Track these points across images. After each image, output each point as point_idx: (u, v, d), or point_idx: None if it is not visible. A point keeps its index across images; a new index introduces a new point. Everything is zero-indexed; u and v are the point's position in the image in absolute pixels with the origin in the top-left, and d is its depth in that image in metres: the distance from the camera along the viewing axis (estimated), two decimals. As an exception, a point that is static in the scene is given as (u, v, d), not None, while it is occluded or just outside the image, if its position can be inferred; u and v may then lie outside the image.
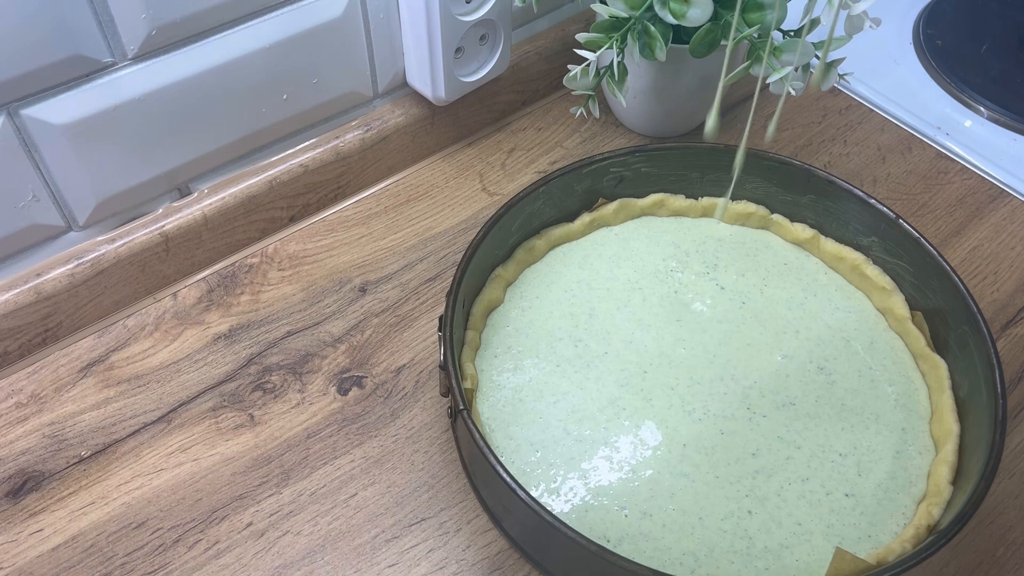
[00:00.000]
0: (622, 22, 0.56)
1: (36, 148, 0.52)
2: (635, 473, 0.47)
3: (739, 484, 0.47)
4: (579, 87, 0.59)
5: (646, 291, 0.55)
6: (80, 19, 0.49)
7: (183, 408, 0.55)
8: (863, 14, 0.53)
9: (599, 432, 0.49)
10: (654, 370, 0.51)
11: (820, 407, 0.50)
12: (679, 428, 0.49)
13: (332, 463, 0.52)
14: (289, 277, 0.62)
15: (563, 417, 0.49)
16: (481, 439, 0.43)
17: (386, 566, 0.48)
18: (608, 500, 0.46)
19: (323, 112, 0.64)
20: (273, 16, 0.56)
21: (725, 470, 0.47)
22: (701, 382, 0.51)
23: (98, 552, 0.49)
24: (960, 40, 0.79)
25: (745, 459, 0.48)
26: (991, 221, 0.65)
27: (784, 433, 0.49)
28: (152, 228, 0.59)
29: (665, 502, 0.46)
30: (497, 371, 0.52)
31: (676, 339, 0.53)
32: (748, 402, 0.50)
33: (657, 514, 0.46)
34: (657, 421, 0.49)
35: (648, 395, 0.50)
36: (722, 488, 0.47)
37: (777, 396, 0.50)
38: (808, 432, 0.49)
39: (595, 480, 0.47)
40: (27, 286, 0.55)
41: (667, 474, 0.47)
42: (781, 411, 0.50)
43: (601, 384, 0.51)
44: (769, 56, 0.54)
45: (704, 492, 0.46)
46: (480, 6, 0.61)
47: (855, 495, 0.46)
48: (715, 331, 0.54)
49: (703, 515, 0.46)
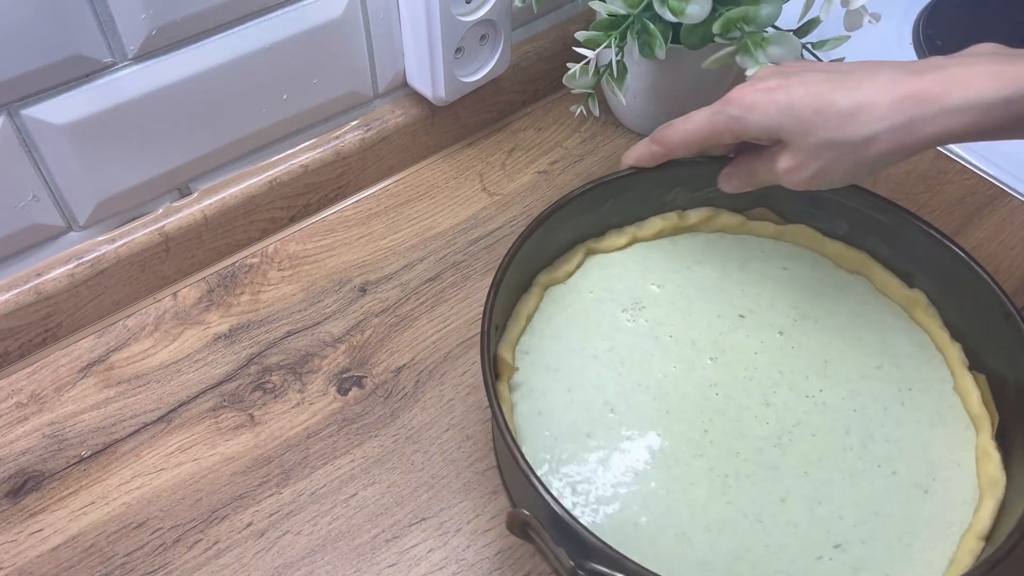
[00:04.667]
0: (621, 20, 0.56)
1: (36, 148, 0.52)
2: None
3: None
4: (579, 85, 0.59)
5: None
6: (80, 19, 0.49)
7: (183, 408, 0.55)
8: (862, 9, 0.53)
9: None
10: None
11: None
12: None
13: (332, 463, 0.52)
14: (289, 277, 0.62)
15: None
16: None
17: (386, 566, 0.48)
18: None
19: (323, 112, 0.64)
20: (273, 16, 0.56)
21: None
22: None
23: (98, 552, 0.49)
24: (960, 40, 0.78)
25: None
26: (991, 221, 0.65)
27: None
28: (152, 228, 0.59)
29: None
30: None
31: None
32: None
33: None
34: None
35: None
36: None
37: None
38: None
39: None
40: (27, 286, 0.55)
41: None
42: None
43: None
44: (756, 48, 0.54)
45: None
46: (480, 6, 0.61)
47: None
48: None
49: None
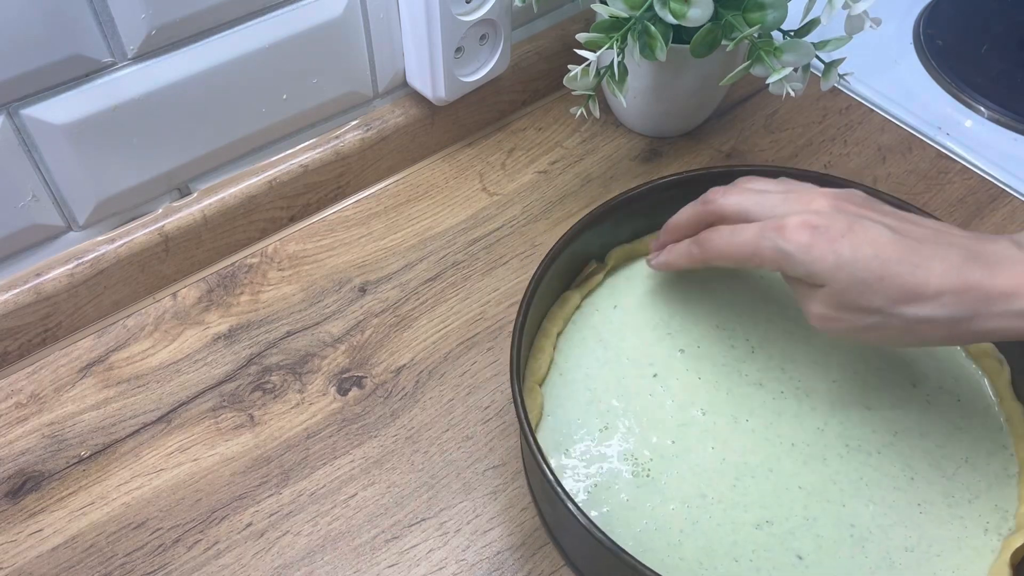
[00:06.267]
0: (622, 22, 0.56)
1: (36, 148, 0.52)
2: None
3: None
4: (579, 87, 0.59)
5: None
6: (80, 19, 0.49)
7: (183, 408, 0.55)
8: (863, 14, 0.53)
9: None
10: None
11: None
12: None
13: (332, 463, 0.52)
14: (289, 277, 0.62)
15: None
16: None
17: (386, 566, 0.48)
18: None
19: (323, 112, 0.64)
20: (273, 16, 0.56)
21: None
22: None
23: (98, 552, 0.49)
24: (960, 40, 0.79)
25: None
26: (991, 221, 0.65)
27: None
28: (152, 228, 0.58)
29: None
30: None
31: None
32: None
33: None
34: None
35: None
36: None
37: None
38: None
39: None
40: (27, 286, 0.55)
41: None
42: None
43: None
44: (770, 57, 0.54)
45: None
46: (480, 6, 0.61)
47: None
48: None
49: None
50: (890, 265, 0.39)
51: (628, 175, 0.68)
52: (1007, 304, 0.38)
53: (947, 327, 0.40)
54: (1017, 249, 0.39)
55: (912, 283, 0.39)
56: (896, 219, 0.42)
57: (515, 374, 0.45)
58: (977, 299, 0.39)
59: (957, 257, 0.39)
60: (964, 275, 0.39)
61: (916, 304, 0.39)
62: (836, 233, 0.40)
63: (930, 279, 0.39)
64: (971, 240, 0.40)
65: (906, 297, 0.39)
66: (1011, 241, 0.40)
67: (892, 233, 0.40)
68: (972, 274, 0.39)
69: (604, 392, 0.50)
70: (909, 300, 0.39)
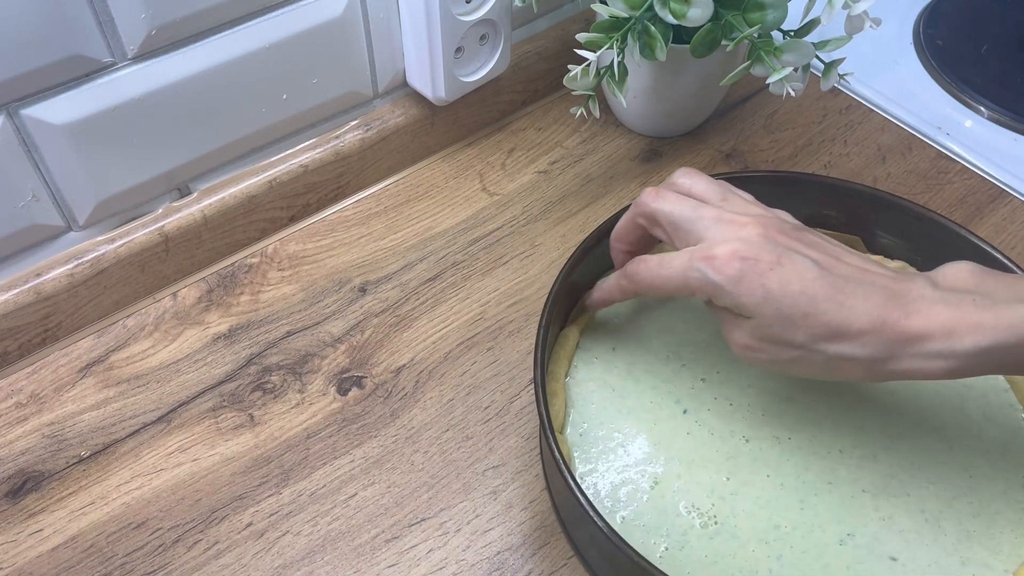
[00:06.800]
0: (622, 22, 0.56)
1: (36, 148, 0.52)
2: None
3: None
4: (579, 87, 0.59)
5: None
6: (80, 19, 0.49)
7: (183, 408, 0.55)
8: (863, 14, 0.53)
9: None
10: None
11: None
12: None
13: (332, 463, 0.52)
14: (289, 277, 0.62)
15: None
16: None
17: (386, 566, 0.48)
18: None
19: (323, 112, 0.64)
20: (273, 16, 0.56)
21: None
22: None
23: (98, 552, 0.49)
24: (960, 40, 0.79)
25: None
26: (991, 221, 0.65)
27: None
28: (152, 228, 0.59)
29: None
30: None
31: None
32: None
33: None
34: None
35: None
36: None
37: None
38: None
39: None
40: (27, 286, 0.55)
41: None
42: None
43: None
44: (770, 57, 0.54)
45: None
46: (480, 6, 0.61)
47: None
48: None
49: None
50: (816, 302, 0.40)
51: (628, 175, 0.68)
52: (920, 346, 0.39)
53: (865, 366, 0.40)
54: (932, 289, 0.40)
55: (836, 321, 0.39)
56: (821, 252, 0.42)
57: (546, 426, 0.43)
58: (894, 340, 0.39)
59: (879, 296, 0.40)
60: (884, 316, 0.39)
61: (838, 342, 0.40)
62: (764, 266, 0.40)
63: (853, 318, 0.39)
64: (890, 280, 0.41)
65: (829, 335, 0.40)
66: (927, 280, 0.41)
67: (818, 269, 0.40)
68: (891, 315, 0.39)
69: (637, 444, 0.48)
70: (831, 338, 0.40)
